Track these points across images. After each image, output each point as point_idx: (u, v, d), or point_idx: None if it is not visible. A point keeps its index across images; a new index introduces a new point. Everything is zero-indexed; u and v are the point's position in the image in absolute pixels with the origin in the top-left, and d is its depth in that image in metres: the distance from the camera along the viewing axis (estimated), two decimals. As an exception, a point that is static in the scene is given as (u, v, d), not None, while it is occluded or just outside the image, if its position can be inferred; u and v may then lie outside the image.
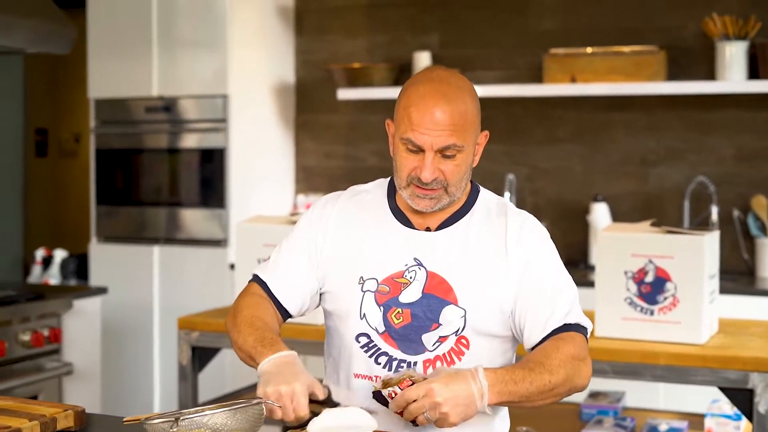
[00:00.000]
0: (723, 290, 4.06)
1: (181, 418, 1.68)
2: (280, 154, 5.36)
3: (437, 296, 2.06)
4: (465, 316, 2.07)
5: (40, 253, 5.32)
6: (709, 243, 3.01)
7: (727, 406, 3.28)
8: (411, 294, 2.08)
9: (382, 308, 2.08)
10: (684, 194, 4.62)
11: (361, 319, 2.10)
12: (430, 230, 2.12)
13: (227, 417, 1.73)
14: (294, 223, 3.43)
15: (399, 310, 2.07)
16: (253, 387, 4.02)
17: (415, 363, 2.07)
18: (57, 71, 7.05)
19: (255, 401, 1.77)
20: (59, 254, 5.24)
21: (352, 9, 5.32)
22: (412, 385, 1.85)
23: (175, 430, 1.67)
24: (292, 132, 5.44)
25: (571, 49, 4.73)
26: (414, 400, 1.83)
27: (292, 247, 2.21)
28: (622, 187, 4.84)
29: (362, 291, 2.10)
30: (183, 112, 5.00)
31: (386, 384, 1.90)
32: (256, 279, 2.22)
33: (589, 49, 4.70)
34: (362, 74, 5.01)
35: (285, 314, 2.19)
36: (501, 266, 2.08)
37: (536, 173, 4.95)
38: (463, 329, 2.07)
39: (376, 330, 2.09)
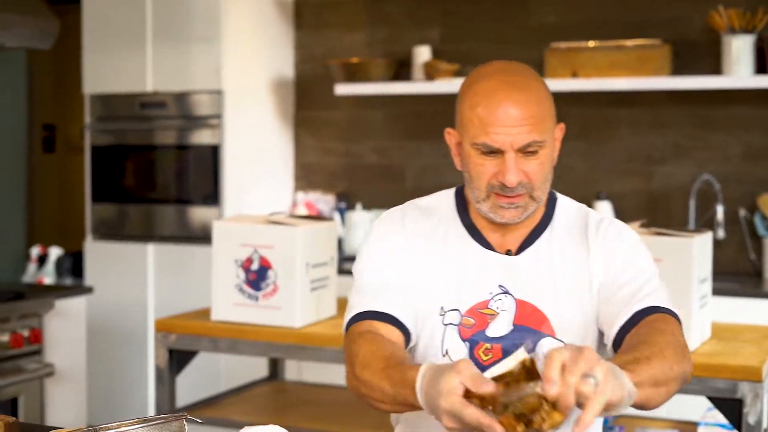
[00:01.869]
0: (728, 292, 3.94)
1: (94, 435, 1.58)
2: (278, 151, 5.27)
3: (531, 328, 1.83)
4: None
5: (35, 251, 5.25)
6: (700, 245, 2.88)
7: (721, 414, 3.15)
8: (500, 326, 1.84)
9: (467, 344, 1.84)
10: (689, 193, 4.48)
11: (444, 356, 1.85)
12: (510, 253, 1.88)
13: (145, 434, 1.63)
14: (274, 222, 3.34)
15: (488, 345, 1.84)
16: (234, 391, 3.93)
17: None
18: (64, 66, 6.99)
19: (176, 416, 1.66)
20: (54, 252, 5.18)
21: (351, 2, 5.22)
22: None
23: (86, 448, 1.57)
24: (290, 128, 5.35)
25: (572, 43, 4.60)
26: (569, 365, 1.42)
27: (374, 268, 1.90)
28: (626, 186, 4.70)
29: (443, 324, 1.86)
30: (178, 108, 4.92)
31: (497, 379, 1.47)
32: (352, 321, 1.86)
33: (591, 43, 4.58)
34: (361, 69, 4.91)
35: (406, 334, 1.85)
36: (588, 282, 1.84)
37: (538, 171, 4.82)
38: None
39: None
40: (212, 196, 4.88)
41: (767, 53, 4.28)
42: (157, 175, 5.02)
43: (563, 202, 1.96)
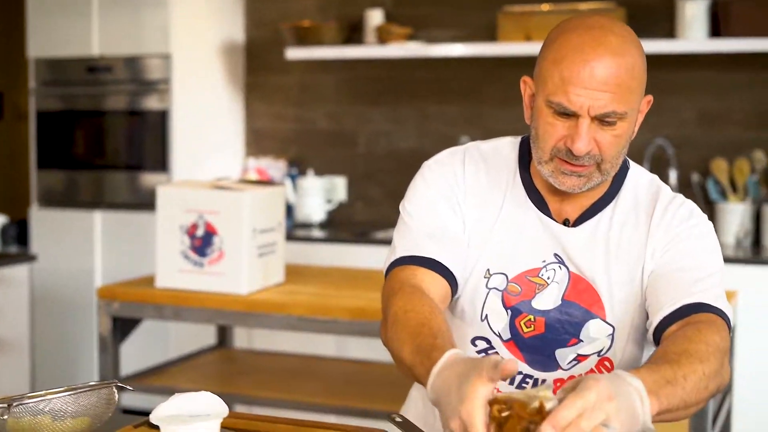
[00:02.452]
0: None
1: (15, 404, 1.51)
2: (228, 116, 5.18)
3: (580, 305, 1.69)
4: (613, 334, 1.69)
5: (-20, 219, 5.13)
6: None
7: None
8: (548, 299, 1.70)
9: (509, 312, 1.70)
10: (643, 157, 4.45)
11: (482, 320, 1.72)
12: (568, 224, 1.71)
13: (69, 402, 1.56)
14: (219, 187, 3.26)
15: (531, 317, 1.70)
16: (184, 359, 3.87)
17: (544, 381, 1.71)
18: (10, 30, 6.83)
19: (105, 384, 1.60)
20: (-1, 220, 5.06)
21: (302, -35, 5.12)
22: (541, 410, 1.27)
23: (6, 417, 1.50)
24: (241, 94, 5.25)
25: (526, 7, 4.55)
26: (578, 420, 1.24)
27: (425, 209, 1.73)
28: (580, 151, 4.66)
29: (487, 288, 1.71)
30: (126, 72, 4.81)
31: (503, 403, 1.31)
32: (395, 264, 1.71)
33: (544, 7, 4.52)
34: (312, 33, 4.83)
35: (452, 284, 1.70)
36: (641, 266, 1.68)
37: (492, 136, 4.76)
38: (608, 350, 1.70)
39: (500, 337, 1.71)
40: (162, 163, 4.79)
41: (721, 17, 4.25)
42: (106, 141, 4.91)
43: (635, 173, 1.76)
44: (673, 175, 4.38)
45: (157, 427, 1.47)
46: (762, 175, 4.33)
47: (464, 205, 1.73)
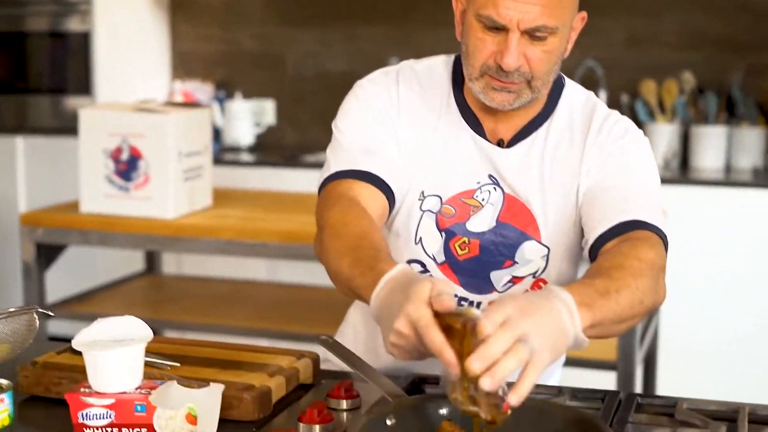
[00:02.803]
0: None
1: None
2: (153, 38, 5.04)
3: (515, 227, 1.66)
4: (548, 255, 1.67)
5: None
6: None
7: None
8: (482, 221, 1.67)
9: (444, 234, 1.68)
10: (572, 78, 4.43)
11: (416, 243, 1.69)
12: (502, 144, 1.68)
13: (-13, 329, 1.51)
14: (144, 110, 3.18)
15: (465, 239, 1.67)
16: (111, 285, 3.81)
17: (479, 304, 1.68)
18: None
19: (25, 309, 1.54)
20: None
21: None
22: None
23: None
24: (166, 14, 5.11)
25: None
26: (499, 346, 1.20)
27: (359, 126, 1.68)
28: (510, 72, 4.63)
29: (421, 210, 1.68)
30: (44, -9, 4.65)
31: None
32: (330, 179, 1.67)
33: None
34: (238, -49, 4.70)
35: (390, 199, 1.66)
36: (576, 186, 1.65)
37: (422, 57, 4.71)
38: (543, 271, 1.68)
39: (434, 259, 1.69)
40: (86, 86, 4.66)
41: (651, -64, 4.22)
42: (27, 63, 4.77)
43: (570, 91, 1.71)
44: (602, 97, 4.39)
45: (80, 353, 1.43)
46: (690, 97, 4.35)
47: (398, 126, 1.69)
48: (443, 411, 1.28)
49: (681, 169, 4.24)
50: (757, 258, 3.88)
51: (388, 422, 1.30)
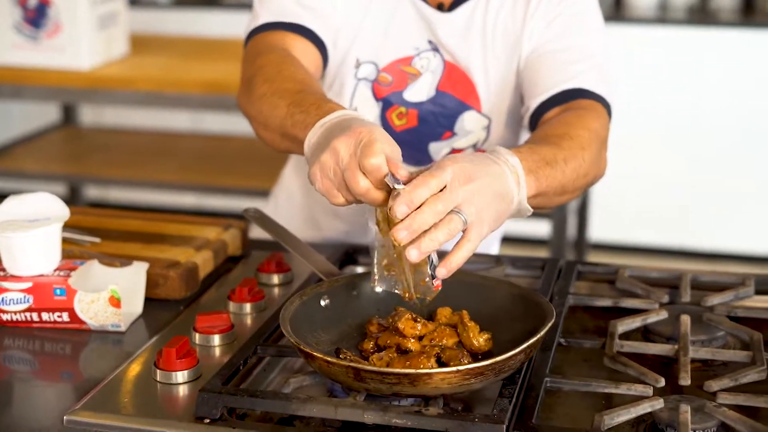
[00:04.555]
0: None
1: None
2: None
3: (455, 96, 1.58)
4: (489, 126, 1.59)
5: None
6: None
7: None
8: (420, 90, 1.58)
9: (380, 104, 1.59)
10: None
11: None
12: (443, 8, 1.56)
13: None
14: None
15: (403, 109, 1.58)
16: (27, 139, 3.67)
17: None
18: None
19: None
20: None
21: None
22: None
23: None
24: None
25: None
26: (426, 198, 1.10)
27: None
28: None
29: (356, 78, 1.58)
30: None
31: None
32: (257, 31, 1.54)
33: None
34: None
35: (324, 55, 1.55)
36: (519, 52, 1.55)
37: None
38: (483, 142, 1.60)
39: None
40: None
41: None
42: None
43: None
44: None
45: (-9, 234, 1.34)
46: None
47: None
48: (379, 289, 1.22)
49: (614, 6, 4.15)
50: (691, 99, 3.86)
51: (323, 303, 1.25)
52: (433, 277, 1.14)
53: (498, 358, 1.05)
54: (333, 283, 1.27)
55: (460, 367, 1.04)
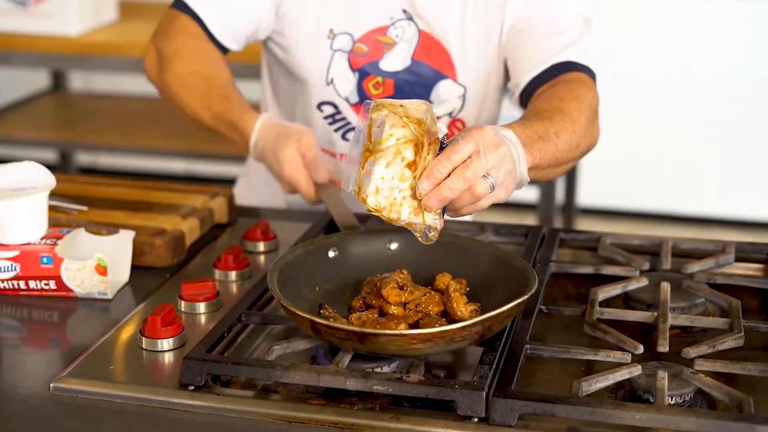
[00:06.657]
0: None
1: None
2: None
3: (430, 66, 1.59)
4: (465, 95, 1.61)
5: None
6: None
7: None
8: (396, 59, 1.59)
9: (357, 74, 1.60)
10: None
11: (328, 84, 1.61)
12: None
13: None
14: None
15: (379, 79, 1.60)
16: (17, 105, 3.66)
17: None
18: None
19: None
20: None
21: None
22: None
23: None
24: None
25: None
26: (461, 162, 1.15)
27: None
28: None
29: (332, 49, 1.59)
30: None
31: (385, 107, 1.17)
32: (181, 7, 1.60)
33: None
34: None
35: (222, 49, 1.63)
36: (500, 23, 1.56)
37: None
38: (460, 111, 1.62)
39: (347, 100, 1.61)
40: None
41: None
42: None
43: None
44: None
45: (-22, 203, 1.35)
46: None
47: None
48: (393, 246, 1.26)
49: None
50: (678, 64, 3.86)
51: (331, 254, 1.27)
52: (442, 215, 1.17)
53: (446, 327, 1.06)
54: (345, 236, 1.30)
55: (405, 332, 1.06)
